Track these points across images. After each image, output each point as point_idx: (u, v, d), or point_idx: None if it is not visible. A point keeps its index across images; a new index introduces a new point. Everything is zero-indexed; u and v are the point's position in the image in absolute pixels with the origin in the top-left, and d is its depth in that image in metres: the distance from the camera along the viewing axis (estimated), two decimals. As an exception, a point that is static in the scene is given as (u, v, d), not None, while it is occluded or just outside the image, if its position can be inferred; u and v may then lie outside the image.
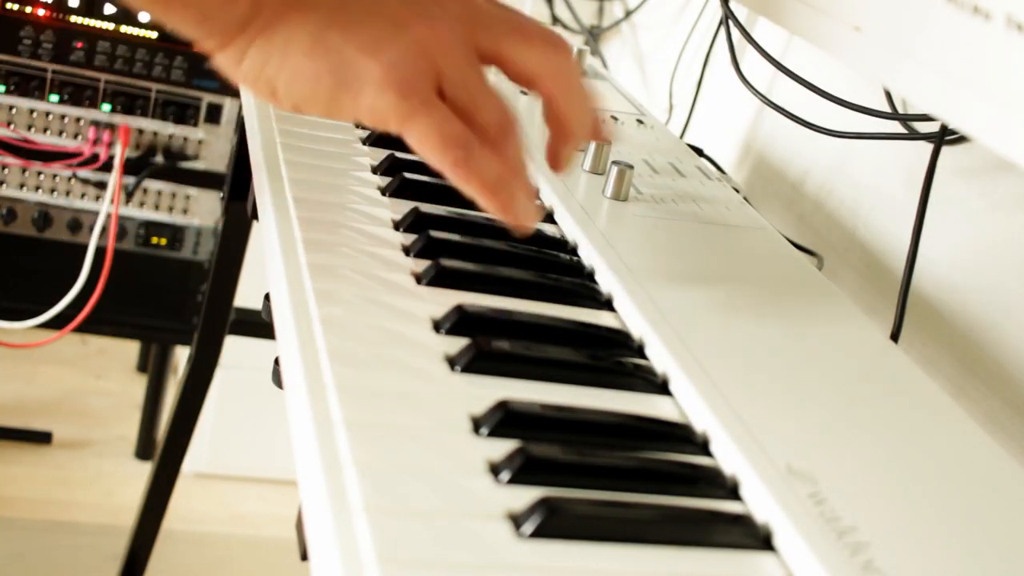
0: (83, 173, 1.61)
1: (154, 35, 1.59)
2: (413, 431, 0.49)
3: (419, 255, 0.64)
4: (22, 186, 1.61)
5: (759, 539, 0.47)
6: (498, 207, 0.59)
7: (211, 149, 1.63)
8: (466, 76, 0.59)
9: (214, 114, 1.62)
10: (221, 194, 1.54)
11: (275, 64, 0.58)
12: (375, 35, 0.57)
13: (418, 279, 0.62)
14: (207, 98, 1.61)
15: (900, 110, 0.90)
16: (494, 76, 0.62)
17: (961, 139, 0.82)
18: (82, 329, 1.55)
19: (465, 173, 0.58)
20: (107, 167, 1.59)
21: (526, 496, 0.46)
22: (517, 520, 0.45)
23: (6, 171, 1.59)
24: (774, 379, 0.57)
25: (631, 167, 0.76)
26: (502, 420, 0.50)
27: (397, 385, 0.52)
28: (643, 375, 0.58)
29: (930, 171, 0.81)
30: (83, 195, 1.62)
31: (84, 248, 1.55)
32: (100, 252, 1.54)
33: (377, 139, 0.81)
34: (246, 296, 1.38)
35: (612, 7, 1.57)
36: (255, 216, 0.74)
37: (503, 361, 0.55)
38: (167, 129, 1.61)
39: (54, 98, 1.57)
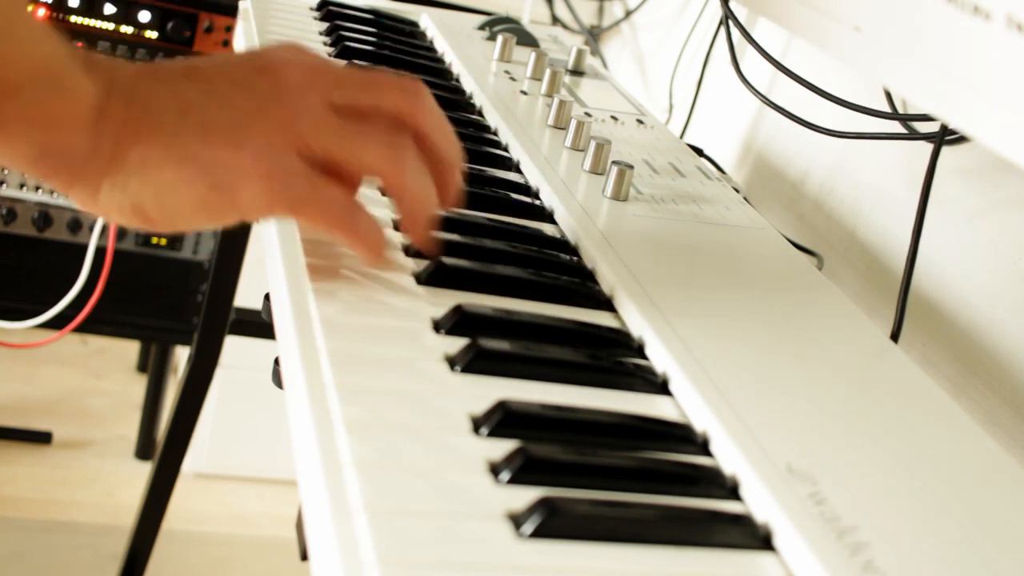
0: (83, 173, 1.61)
1: (154, 35, 1.59)
2: (413, 431, 0.49)
3: (419, 255, 0.64)
4: (22, 186, 1.61)
5: (759, 539, 0.47)
6: (372, 258, 0.59)
7: (211, 149, 1.63)
8: (329, 135, 0.57)
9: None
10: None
11: (135, 186, 0.55)
12: (231, 129, 0.55)
13: (418, 279, 0.62)
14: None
15: (900, 110, 0.90)
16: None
17: (961, 139, 0.82)
18: (82, 329, 1.55)
19: (355, 239, 0.58)
20: (107, 167, 1.59)
21: (526, 496, 0.46)
22: (517, 520, 0.45)
23: (6, 171, 1.59)
24: (774, 379, 0.57)
25: (631, 167, 0.76)
26: (502, 420, 0.50)
27: (397, 385, 0.52)
28: (643, 375, 0.58)
29: (930, 171, 0.81)
30: (83, 195, 1.62)
31: (84, 248, 1.55)
32: (100, 252, 1.54)
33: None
34: (246, 296, 1.38)
35: (612, 7, 1.57)
36: (255, 216, 0.74)
37: (503, 361, 0.55)
38: (167, 129, 1.61)
39: (54, 98, 1.56)
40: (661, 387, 0.57)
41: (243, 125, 0.55)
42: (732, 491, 0.50)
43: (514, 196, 0.75)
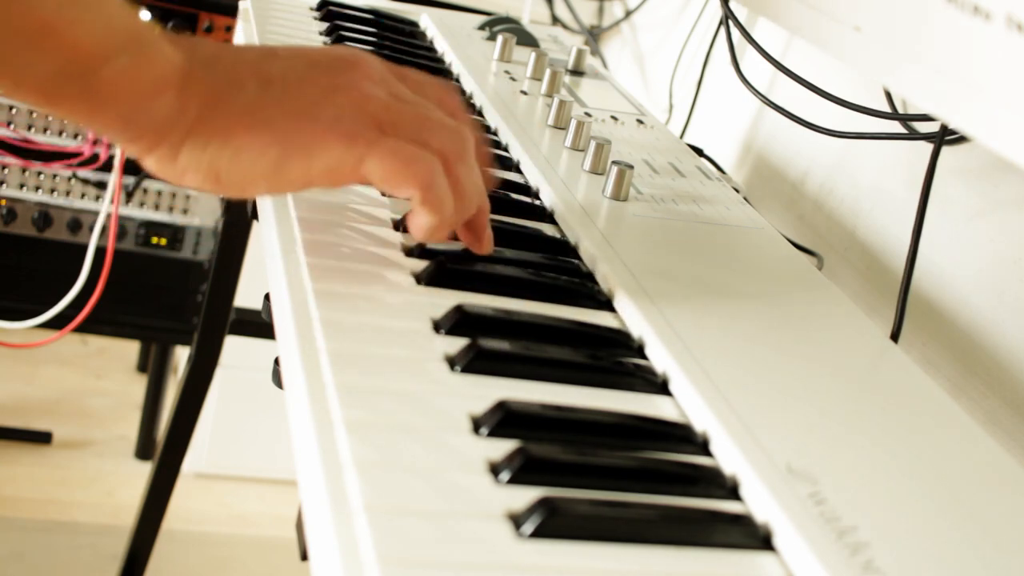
0: (83, 173, 1.61)
1: (154, 35, 1.59)
2: (413, 431, 0.49)
3: (419, 255, 0.64)
4: (22, 186, 1.61)
5: (759, 539, 0.47)
6: (466, 231, 0.61)
7: (211, 149, 1.63)
8: (402, 115, 0.60)
9: (214, 114, 1.62)
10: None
11: (215, 150, 0.57)
12: (309, 103, 0.58)
13: (418, 279, 0.62)
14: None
15: (900, 110, 0.90)
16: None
17: (961, 139, 0.82)
18: (82, 329, 1.55)
19: (434, 195, 0.59)
20: (107, 167, 1.59)
21: (526, 496, 0.46)
22: (517, 520, 0.45)
23: (6, 171, 1.59)
24: (774, 379, 0.57)
25: (631, 167, 0.76)
26: (502, 420, 0.50)
27: (397, 385, 0.52)
28: (643, 375, 0.58)
29: (930, 171, 0.81)
30: (83, 195, 1.62)
31: (84, 248, 1.55)
32: (100, 252, 1.54)
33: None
34: (246, 296, 1.38)
35: (612, 7, 1.57)
36: (255, 216, 0.74)
37: (503, 361, 0.55)
38: (167, 129, 1.61)
39: (54, 98, 1.56)
40: (661, 387, 0.57)
41: (321, 100, 0.58)
42: (732, 491, 0.50)
43: (514, 196, 0.75)
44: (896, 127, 0.91)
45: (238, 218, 1.27)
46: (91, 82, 0.55)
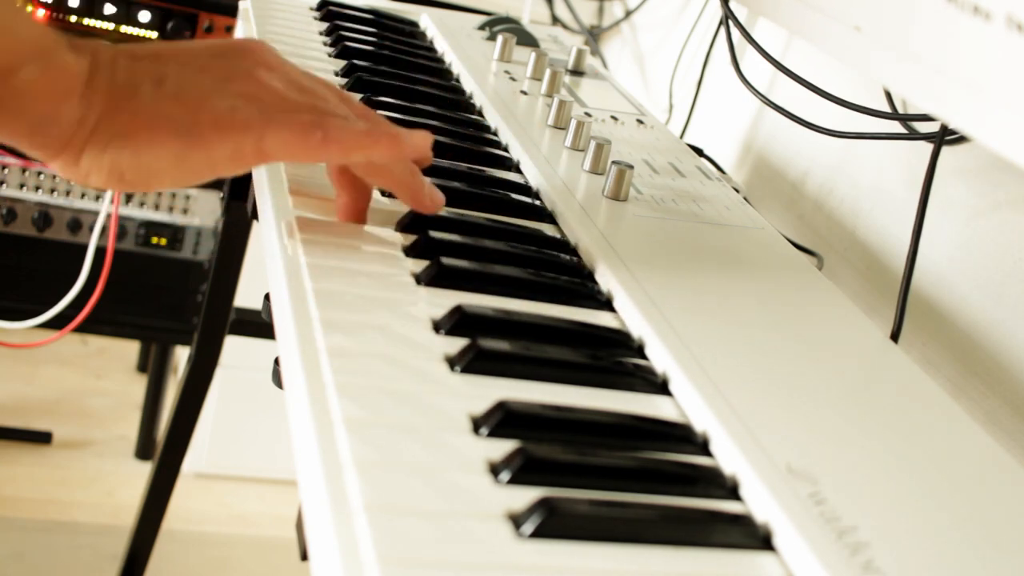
0: (83, 173, 1.60)
1: (154, 35, 1.59)
2: (413, 431, 0.49)
3: (419, 255, 0.64)
4: (22, 186, 1.61)
5: (759, 539, 0.47)
6: (386, 148, 0.62)
7: (211, 149, 1.63)
8: (298, 101, 0.61)
9: (214, 114, 1.62)
10: (221, 194, 1.54)
11: (115, 148, 0.59)
12: (204, 95, 0.60)
13: (418, 279, 0.62)
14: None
15: (900, 110, 0.90)
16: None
17: (961, 139, 0.82)
18: (82, 329, 1.55)
19: (337, 144, 0.60)
20: (107, 167, 1.59)
21: (526, 496, 0.46)
22: (517, 520, 0.45)
23: (6, 171, 1.59)
24: (774, 379, 0.57)
25: (631, 167, 0.76)
26: (502, 420, 0.50)
27: (397, 385, 0.52)
28: (643, 375, 0.58)
29: (930, 171, 0.81)
30: (83, 195, 1.62)
31: (84, 248, 1.55)
32: (100, 252, 1.54)
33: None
34: (246, 296, 1.38)
35: (612, 7, 1.57)
36: (255, 216, 0.74)
37: (503, 361, 0.55)
38: (167, 129, 1.61)
39: (54, 98, 1.56)
40: (661, 387, 0.57)
41: (215, 90, 0.60)
42: (732, 491, 0.50)
43: (514, 196, 0.75)
44: (896, 127, 0.91)
45: (238, 218, 1.27)
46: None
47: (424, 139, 0.65)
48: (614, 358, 0.58)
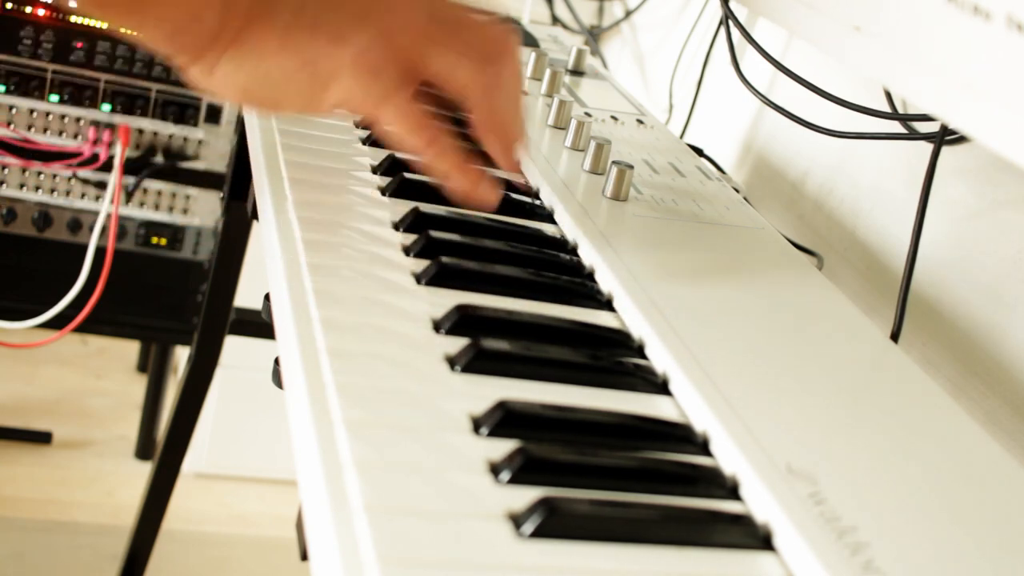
0: (83, 173, 1.61)
1: (154, 35, 1.59)
2: (413, 431, 0.49)
3: (419, 255, 0.64)
4: (22, 186, 1.61)
5: (759, 539, 0.47)
6: (459, 188, 0.63)
7: (211, 149, 1.63)
8: (429, 49, 0.62)
9: (214, 114, 1.62)
10: (221, 194, 1.54)
11: (248, 68, 0.61)
12: (339, 29, 0.60)
13: (418, 279, 0.62)
14: (207, 98, 1.61)
15: (900, 110, 0.90)
16: None
17: (961, 139, 0.82)
18: (82, 329, 1.55)
19: (436, 154, 0.62)
20: (107, 167, 1.59)
21: (526, 496, 0.46)
22: (517, 520, 0.45)
23: (6, 171, 1.59)
24: (774, 379, 0.57)
25: (631, 167, 0.76)
26: (502, 420, 0.50)
27: (397, 385, 0.52)
28: (643, 375, 0.58)
29: (930, 171, 0.81)
30: (83, 195, 1.62)
31: (84, 248, 1.55)
32: (100, 252, 1.54)
33: (377, 139, 0.81)
34: (246, 296, 1.38)
35: (612, 7, 1.57)
36: (255, 216, 0.74)
37: (503, 361, 0.55)
38: (167, 129, 1.61)
39: (54, 98, 1.57)
40: (661, 387, 0.57)
41: (350, 26, 0.61)
42: (732, 491, 0.50)
43: (514, 196, 0.75)
44: (896, 127, 0.91)
45: (238, 218, 1.27)
46: None
47: (491, 199, 0.66)
48: (614, 358, 0.58)
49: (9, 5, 1.53)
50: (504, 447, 0.49)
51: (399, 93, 0.61)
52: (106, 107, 1.58)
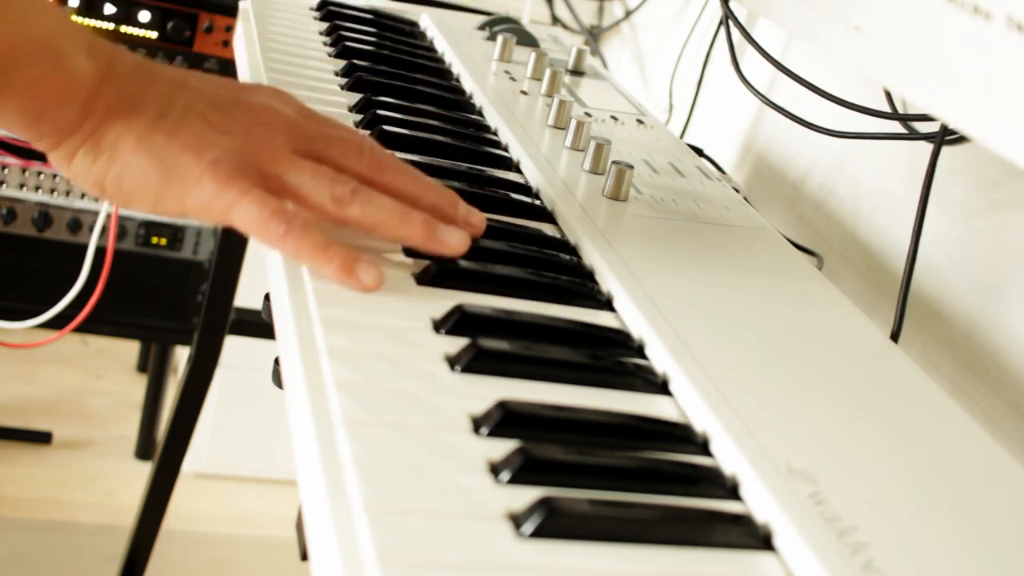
0: (83, 173, 1.61)
1: (154, 35, 1.59)
2: (413, 431, 0.49)
3: (419, 255, 0.64)
4: (22, 186, 1.61)
5: (759, 539, 0.47)
6: (335, 272, 0.59)
7: (211, 149, 1.63)
8: (287, 168, 0.61)
9: (214, 114, 1.62)
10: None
11: (104, 162, 0.61)
12: (197, 138, 0.60)
13: (418, 279, 0.62)
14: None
15: (900, 110, 0.90)
16: None
17: (961, 139, 0.82)
18: (82, 329, 1.55)
19: (293, 243, 0.59)
20: (107, 167, 1.59)
21: (526, 496, 0.46)
22: (517, 520, 0.45)
23: (6, 171, 1.59)
24: (774, 379, 0.57)
25: (631, 167, 0.76)
26: (502, 420, 0.50)
27: (397, 385, 0.52)
28: (643, 375, 0.58)
29: (930, 171, 0.81)
30: (83, 195, 1.62)
31: (84, 248, 1.55)
32: (100, 252, 1.54)
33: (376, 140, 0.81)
34: (246, 296, 1.38)
35: (612, 7, 1.57)
36: (255, 216, 0.73)
37: (503, 361, 0.55)
38: (167, 129, 1.61)
39: (54, 98, 1.56)
40: (661, 387, 0.57)
41: (207, 139, 0.61)
42: (732, 491, 0.50)
43: (514, 196, 0.75)
44: (896, 127, 0.91)
45: (238, 218, 1.27)
46: (1, 82, 0.58)
47: (374, 280, 0.59)
48: (614, 358, 0.58)
49: None
50: (504, 447, 0.49)
51: (246, 195, 0.59)
52: (106, 107, 1.58)
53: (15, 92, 0.59)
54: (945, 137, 0.82)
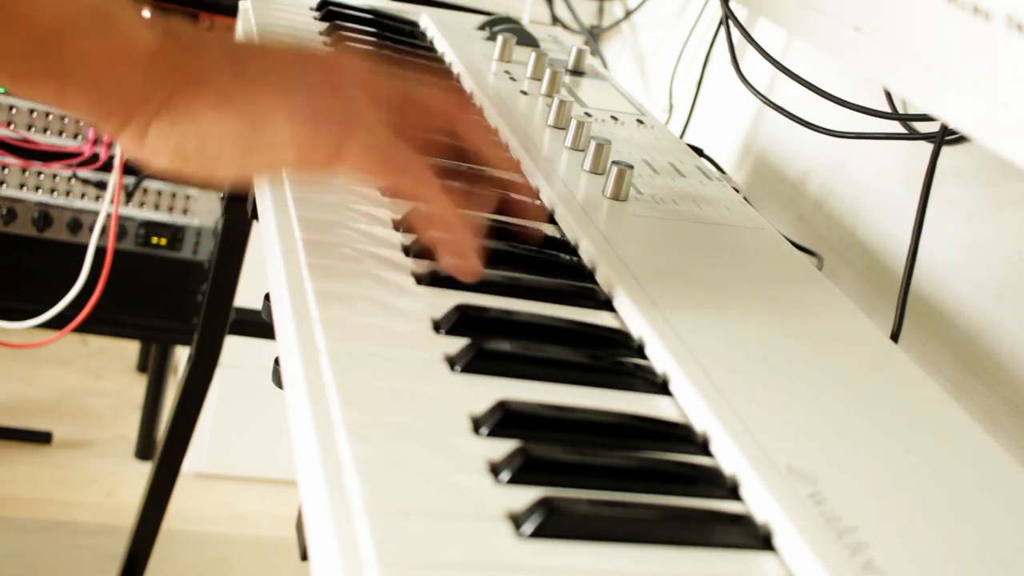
0: (83, 173, 1.61)
1: (154, 35, 1.59)
2: (413, 431, 0.49)
3: (419, 255, 0.64)
4: (22, 186, 1.61)
5: (759, 539, 0.47)
6: (444, 208, 0.58)
7: (211, 149, 1.63)
8: (373, 126, 0.58)
9: (214, 114, 1.62)
10: (221, 194, 1.54)
11: (182, 128, 0.57)
12: (278, 82, 0.57)
13: (418, 279, 0.62)
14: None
15: (900, 110, 0.90)
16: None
17: (961, 139, 0.82)
18: (82, 329, 1.55)
19: (413, 179, 0.57)
20: (107, 167, 1.59)
21: (526, 496, 0.46)
22: (517, 520, 0.45)
23: (6, 171, 1.59)
24: (774, 379, 0.57)
25: (631, 167, 0.76)
26: (502, 420, 0.50)
27: (397, 385, 0.52)
28: (643, 375, 0.58)
29: (930, 171, 0.81)
30: (83, 195, 1.62)
31: (84, 248, 1.55)
32: (100, 252, 1.54)
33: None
34: (246, 296, 1.38)
35: (612, 7, 1.57)
36: (255, 216, 0.74)
37: (503, 361, 0.55)
38: (167, 129, 1.61)
39: (54, 98, 1.56)
40: (661, 387, 0.57)
41: (292, 79, 0.57)
42: (732, 491, 0.50)
43: (514, 196, 0.75)
44: (896, 127, 0.91)
45: (238, 218, 1.27)
46: (56, 59, 0.54)
47: (473, 264, 0.59)
48: (614, 358, 0.58)
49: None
50: (504, 447, 0.49)
51: (358, 127, 0.56)
52: (106, 107, 1.58)
53: (74, 67, 0.55)
54: (945, 137, 0.82)
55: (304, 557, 0.49)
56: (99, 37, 0.55)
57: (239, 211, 1.24)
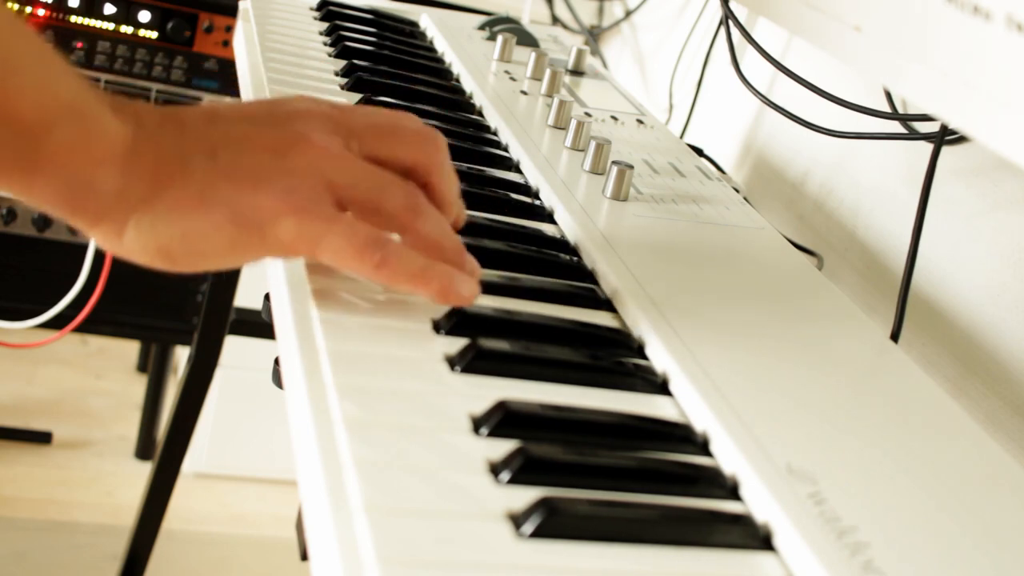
0: (83, 173, 1.61)
1: (154, 35, 1.59)
2: (413, 431, 0.49)
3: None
4: (22, 186, 1.61)
5: (759, 539, 0.47)
6: (435, 293, 0.57)
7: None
8: (356, 176, 0.57)
9: (214, 114, 1.62)
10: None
11: (163, 228, 0.55)
12: (258, 172, 0.55)
13: (418, 279, 0.62)
14: (207, 98, 1.61)
15: (900, 110, 0.90)
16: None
17: (961, 139, 0.82)
18: (82, 329, 1.55)
19: (389, 272, 0.56)
20: (107, 167, 1.59)
21: (526, 496, 0.46)
22: (517, 520, 0.45)
23: (6, 171, 1.59)
24: (774, 379, 0.57)
25: (631, 167, 0.76)
26: (502, 420, 0.50)
27: (397, 385, 0.52)
28: (643, 375, 0.58)
29: (930, 171, 0.81)
30: (83, 195, 1.62)
31: (84, 248, 1.55)
32: (100, 252, 1.54)
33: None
34: (246, 296, 1.38)
35: (612, 7, 1.57)
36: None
37: (503, 361, 0.55)
38: (167, 129, 1.61)
39: (54, 98, 1.56)
40: (661, 387, 0.57)
41: (269, 169, 0.56)
42: (732, 491, 0.50)
43: (514, 196, 0.75)
44: (896, 127, 0.91)
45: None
46: (31, 153, 0.53)
47: (471, 292, 0.57)
48: (614, 358, 0.58)
49: (9, 5, 1.53)
50: (504, 447, 0.49)
51: (332, 226, 0.54)
52: (106, 107, 1.58)
53: (50, 162, 0.53)
54: (945, 137, 0.82)
55: (304, 557, 0.49)
56: (75, 133, 0.53)
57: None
